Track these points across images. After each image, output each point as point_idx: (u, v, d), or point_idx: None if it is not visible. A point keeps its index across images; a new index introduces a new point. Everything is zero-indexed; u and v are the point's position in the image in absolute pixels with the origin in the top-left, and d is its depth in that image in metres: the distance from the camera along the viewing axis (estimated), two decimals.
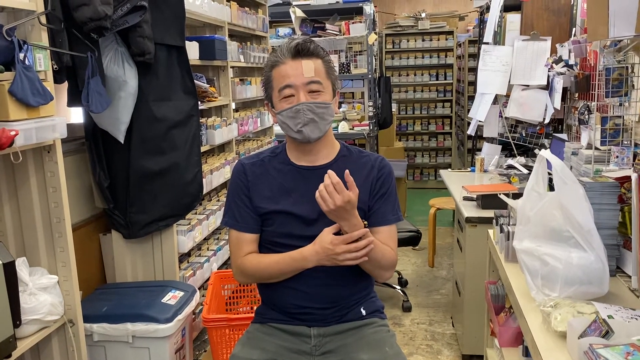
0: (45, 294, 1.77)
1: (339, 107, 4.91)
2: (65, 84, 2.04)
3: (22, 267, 1.72)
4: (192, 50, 2.74)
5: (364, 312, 1.62)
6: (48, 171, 1.82)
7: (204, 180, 2.69)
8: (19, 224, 1.89)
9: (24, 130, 1.59)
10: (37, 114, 1.66)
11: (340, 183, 1.38)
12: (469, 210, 2.73)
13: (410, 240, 3.61)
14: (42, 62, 1.71)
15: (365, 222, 1.50)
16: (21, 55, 1.59)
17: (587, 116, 2.60)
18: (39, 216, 1.86)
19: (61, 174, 1.82)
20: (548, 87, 3.32)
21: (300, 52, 1.50)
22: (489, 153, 3.66)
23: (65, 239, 1.87)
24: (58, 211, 1.85)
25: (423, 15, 7.15)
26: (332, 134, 1.61)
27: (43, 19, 1.72)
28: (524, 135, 3.53)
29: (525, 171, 3.18)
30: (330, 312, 1.57)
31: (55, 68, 1.83)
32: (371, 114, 4.78)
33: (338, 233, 1.48)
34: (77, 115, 2.55)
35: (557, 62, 3.17)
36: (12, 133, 1.53)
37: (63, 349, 1.94)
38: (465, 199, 2.89)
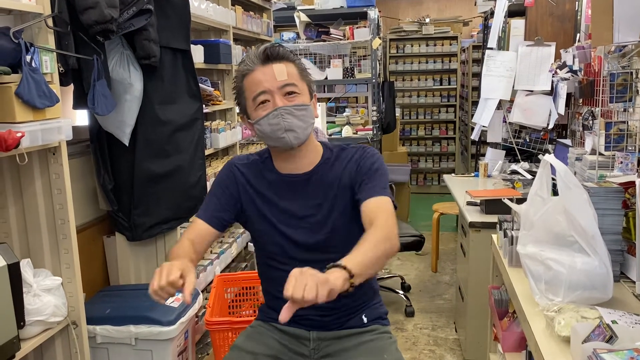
0: (49, 296, 1.78)
1: (342, 112, 4.92)
2: (71, 87, 2.06)
3: (26, 269, 1.73)
4: (197, 53, 2.76)
5: (365, 319, 1.60)
6: (53, 173, 1.83)
7: (207, 183, 2.69)
8: (23, 225, 1.90)
9: (30, 132, 1.60)
10: (43, 116, 1.67)
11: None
12: (473, 215, 2.73)
13: (413, 245, 3.60)
14: (48, 64, 1.72)
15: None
16: (28, 58, 1.60)
17: (591, 122, 2.60)
18: (43, 218, 1.87)
19: (66, 176, 1.83)
20: (552, 92, 3.32)
21: (270, 56, 1.44)
22: (493, 158, 3.65)
23: (69, 240, 1.87)
24: (62, 213, 1.85)
25: (427, 20, 7.17)
26: (313, 139, 1.56)
27: (50, 22, 1.73)
28: (527, 140, 3.53)
29: (529, 176, 3.18)
30: (330, 319, 1.56)
31: (62, 70, 1.85)
32: (375, 118, 4.78)
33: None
34: (82, 118, 2.56)
35: (561, 67, 3.17)
36: (18, 135, 1.54)
37: (66, 350, 1.94)
38: (469, 204, 2.89)
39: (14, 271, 1.57)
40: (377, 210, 1.40)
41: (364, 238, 1.32)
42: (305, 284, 1.08)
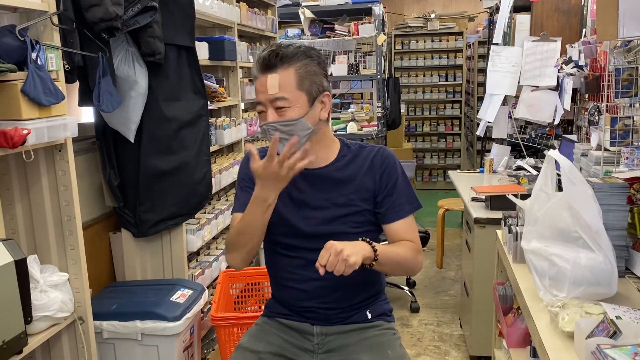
0: (56, 291, 1.79)
1: (347, 108, 4.91)
2: (77, 84, 2.07)
3: (33, 265, 1.74)
4: (202, 50, 2.76)
5: (369, 315, 1.61)
6: (59, 170, 1.84)
7: (213, 179, 2.70)
8: (30, 222, 1.91)
9: (36, 129, 1.61)
10: (49, 113, 1.68)
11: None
12: (478, 211, 2.72)
13: None
14: (54, 61, 1.73)
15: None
16: (34, 55, 1.61)
17: (596, 117, 2.59)
18: (50, 214, 1.89)
19: (72, 173, 1.85)
20: (558, 88, 3.30)
21: (267, 65, 1.43)
22: (498, 154, 3.64)
23: (75, 237, 1.89)
24: (69, 209, 1.87)
25: (432, 16, 7.14)
26: (328, 136, 1.57)
27: (55, 19, 1.74)
28: (533, 136, 3.52)
29: (535, 172, 3.17)
30: (334, 313, 1.57)
31: (67, 68, 1.86)
32: (380, 114, 4.77)
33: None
34: (88, 115, 2.57)
35: (566, 63, 3.16)
36: (25, 132, 1.55)
37: (73, 346, 1.96)
38: (474, 199, 2.88)
39: (21, 267, 1.58)
40: (407, 233, 1.56)
41: (398, 243, 1.53)
42: (335, 265, 1.30)
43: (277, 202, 1.54)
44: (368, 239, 1.42)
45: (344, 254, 1.30)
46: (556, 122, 3.32)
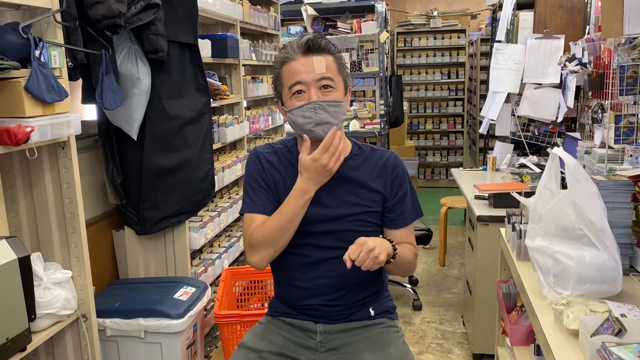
0: (60, 289, 1.79)
1: (350, 105, 4.91)
2: (80, 81, 2.06)
3: (36, 262, 1.74)
4: (205, 48, 2.76)
5: (372, 312, 1.61)
6: (62, 167, 1.84)
7: (215, 177, 2.70)
8: (33, 219, 1.91)
9: (40, 127, 1.61)
10: (52, 110, 1.68)
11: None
12: (481, 209, 2.72)
13: (421, 239, 3.60)
14: (57, 59, 1.73)
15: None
16: (37, 53, 1.61)
17: (600, 115, 2.58)
18: (53, 212, 1.89)
19: (75, 170, 1.84)
20: (561, 85, 3.30)
21: (311, 47, 1.46)
22: (501, 152, 3.64)
23: (79, 234, 1.89)
24: (72, 207, 1.87)
25: (435, 13, 7.13)
26: (344, 133, 1.60)
27: (58, 17, 1.74)
28: (536, 134, 3.51)
29: (538, 170, 3.16)
30: (337, 310, 1.57)
31: (70, 65, 1.85)
32: (382, 112, 4.77)
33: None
34: (91, 113, 2.57)
35: (570, 60, 3.15)
36: (28, 129, 1.55)
37: (76, 343, 1.96)
38: (477, 197, 2.88)
39: (25, 264, 1.58)
40: (408, 237, 1.62)
41: (404, 246, 1.57)
42: (364, 261, 1.34)
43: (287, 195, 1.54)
44: (389, 238, 1.48)
45: (375, 252, 1.35)
46: (559, 120, 3.31)
